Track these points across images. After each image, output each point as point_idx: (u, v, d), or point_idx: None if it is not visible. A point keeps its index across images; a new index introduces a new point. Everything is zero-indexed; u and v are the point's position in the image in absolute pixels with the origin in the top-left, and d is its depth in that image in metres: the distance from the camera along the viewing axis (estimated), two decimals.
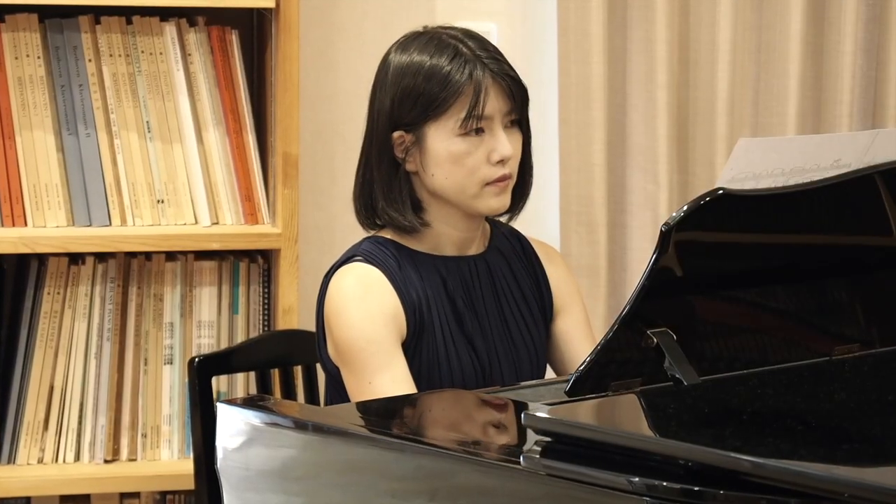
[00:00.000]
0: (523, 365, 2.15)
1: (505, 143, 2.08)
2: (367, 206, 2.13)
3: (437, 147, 2.08)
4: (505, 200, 2.10)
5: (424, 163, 2.09)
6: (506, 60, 2.11)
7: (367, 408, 1.92)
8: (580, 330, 2.21)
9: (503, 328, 2.15)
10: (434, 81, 2.07)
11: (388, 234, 2.13)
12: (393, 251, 2.11)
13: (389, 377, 2.03)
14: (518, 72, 2.13)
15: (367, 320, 2.04)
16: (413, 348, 2.08)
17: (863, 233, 1.90)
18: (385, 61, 2.14)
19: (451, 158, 2.07)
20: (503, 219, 2.19)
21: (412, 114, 2.08)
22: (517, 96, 2.09)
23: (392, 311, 2.06)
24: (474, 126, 2.07)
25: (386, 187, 2.10)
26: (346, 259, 2.12)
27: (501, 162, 2.08)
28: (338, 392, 2.12)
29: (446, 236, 2.13)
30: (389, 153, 2.10)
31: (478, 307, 2.13)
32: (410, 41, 2.13)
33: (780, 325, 1.87)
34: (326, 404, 2.17)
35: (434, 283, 2.11)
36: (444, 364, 2.09)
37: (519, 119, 2.11)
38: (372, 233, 2.16)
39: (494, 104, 2.08)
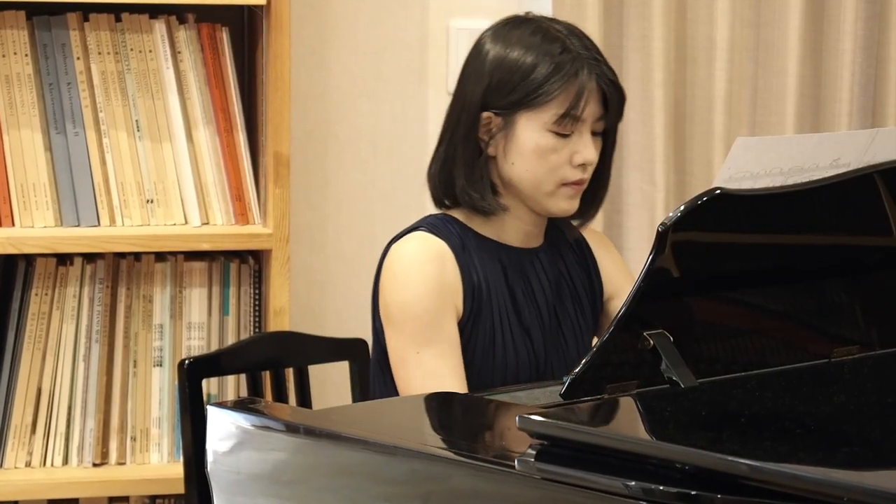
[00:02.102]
0: (572, 363, 2.15)
1: (590, 148, 2.09)
2: (446, 183, 2.12)
3: (525, 137, 2.08)
4: (575, 204, 2.12)
5: (507, 149, 2.09)
6: (606, 62, 2.11)
7: (358, 411, 1.91)
8: None
9: (556, 324, 2.15)
10: (540, 71, 2.07)
11: (455, 215, 2.14)
12: (458, 230, 2.11)
13: (438, 351, 2.03)
14: None
15: (425, 288, 2.05)
16: (469, 332, 2.08)
17: (862, 233, 1.90)
18: (482, 43, 2.12)
19: (536, 151, 2.08)
20: (574, 223, 2.20)
21: (509, 98, 2.08)
22: (614, 106, 2.10)
23: (451, 285, 2.07)
24: (570, 125, 2.07)
25: (468, 168, 2.10)
26: (411, 229, 2.12)
27: (582, 165, 2.09)
28: (382, 369, 2.11)
29: (511, 226, 2.14)
30: (476, 133, 2.10)
31: (536, 300, 2.14)
32: (514, 27, 2.12)
33: (778, 326, 1.87)
34: (373, 380, 2.16)
35: (494, 269, 2.11)
36: (500, 352, 2.09)
37: (605, 128, 2.12)
38: (441, 212, 2.16)
39: (591, 108, 2.08)
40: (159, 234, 2.54)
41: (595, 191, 2.15)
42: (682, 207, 1.71)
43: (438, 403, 1.92)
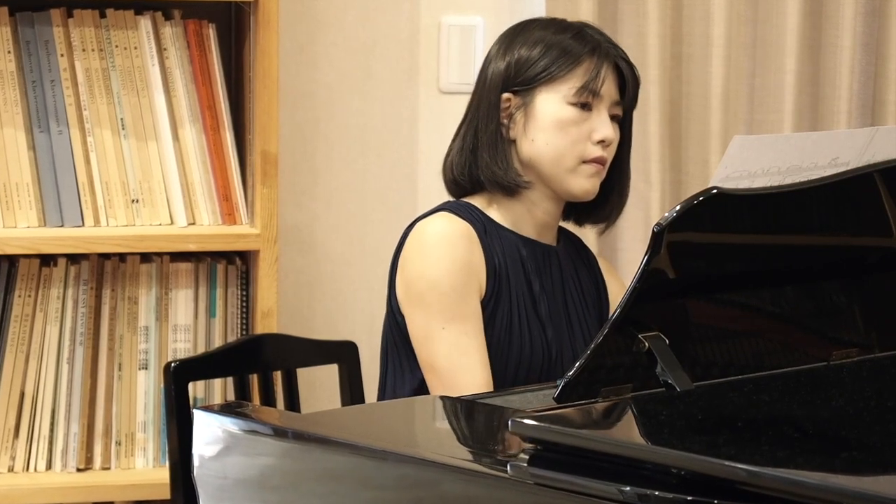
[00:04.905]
0: None
1: (608, 125, 2.14)
2: (468, 166, 2.16)
3: (544, 110, 2.12)
4: (595, 185, 2.16)
5: (527, 127, 2.14)
6: (621, 48, 2.18)
7: (347, 415, 1.89)
8: None
9: (567, 324, 2.18)
10: (556, 49, 2.14)
11: (473, 202, 2.18)
12: (479, 216, 2.15)
13: (463, 328, 2.07)
14: None
15: (453, 265, 2.08)
16: (490, 313, 2.11)
17: (861, 233, 1.90)
18: (493, 46, 2.19)
19: (557, 124, 2.12)
20: (598, 229, 2.26)
21: (527, 74, 2.13)
22: (630, 87, 2.16)
23: (476, 265, 2.10)
24: (588, 99, 2.12)
25: (492, 149, 2.15)
26: (433, 211, 2.15)
27: (602, 142, 2.13)
28: (398, 348, 2.12)
29: (528, 214, 2.17)
30: (497, 116, 2.15)
31: (551, 295, 2.17)
32: (529, 22, 2.20)
33: (775, 328, 1.86)
34: (383, 361, 2.17)
35: (514, 257, 2.15)
36: (517, 338, 2.12)
37: (622, 116, 2.17)
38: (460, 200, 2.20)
39: (609, 87, 2.14)
40: (145, 235, 2.53)
41: (619, 192, 2.21)
42: (678, 207, 1.70)
43: (429, 407, 1.90)
